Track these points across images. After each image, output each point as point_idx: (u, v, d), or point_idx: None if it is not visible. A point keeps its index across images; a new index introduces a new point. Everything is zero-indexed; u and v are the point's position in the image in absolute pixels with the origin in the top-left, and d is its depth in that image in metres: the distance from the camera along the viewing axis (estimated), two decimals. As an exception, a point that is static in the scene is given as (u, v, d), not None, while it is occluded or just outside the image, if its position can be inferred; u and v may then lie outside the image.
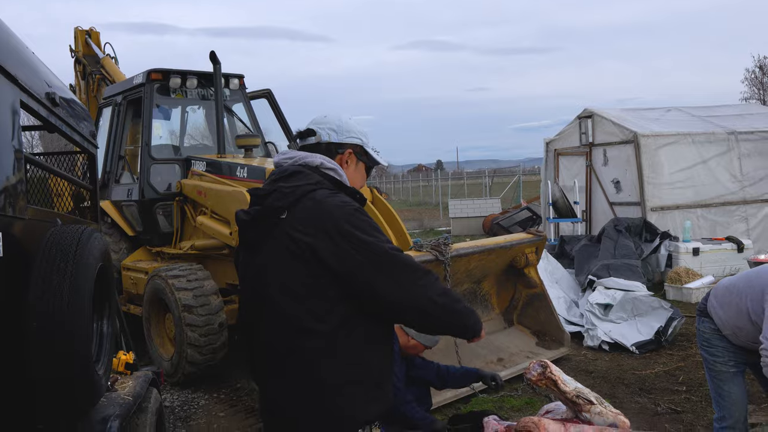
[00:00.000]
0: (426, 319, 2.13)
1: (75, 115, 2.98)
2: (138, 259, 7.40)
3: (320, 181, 2.14)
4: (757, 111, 13.89)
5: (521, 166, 35.07)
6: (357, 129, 2.32)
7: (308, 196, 2.08)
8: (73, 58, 9.77)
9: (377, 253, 2.02)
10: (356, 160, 2.32)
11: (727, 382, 3.61)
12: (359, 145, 2.33)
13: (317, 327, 2.04)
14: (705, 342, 3.70)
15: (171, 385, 6.00)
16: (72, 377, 2.15)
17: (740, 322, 3.46)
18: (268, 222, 2.11)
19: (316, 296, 2.04)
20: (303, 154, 2.23)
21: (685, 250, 9.49)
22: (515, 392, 5.51)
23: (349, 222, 2.02)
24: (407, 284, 2.04)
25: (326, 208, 2.05)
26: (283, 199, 2.09)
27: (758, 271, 3.56)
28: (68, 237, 2.26)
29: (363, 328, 2.10)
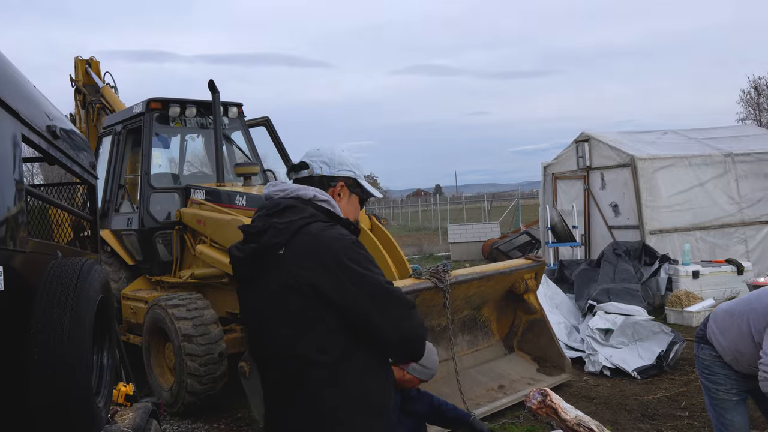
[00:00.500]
0: (406, 347, 2.21)
1: (75, 146, 3.00)
2: (138, 288, 7.39)
3: (314, 214, 2.15)
4: (753, 132, 13.97)
5: (520, 189, 35.15)
6: (349, 161, 2.33)
7: (304, 230, 2.09)
8: (74, 88, 9.85)
9: (373, 286, 2.06)
10: (349, 193, 2.33)
11: (729, 411, 3.56)
12: (351, 178, 2.33)
13: (320, 358, 2.07)
14: (706, 369, 3.66)
15: (171, 416, 5.96)
16: (72, 410, 2.14)
17: (741, 346, 3.44)
18: (265, 259, 2.12)
19: (317, 329, 2.07)
20: (295, 186, 2.24)
21: (685, 273, 9.48)
22: (517, 420, 5.47)
23: (347, 256, 2.05)
24: (397, 317, 2.10)
25: (324, 241, 2.07)
26: (279, 236, 2.09)
27: (758, 293, 3.55)
28: (69, 270, 2.26)
29: (363, 357, 2.14)
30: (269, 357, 2.19)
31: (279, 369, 2.15)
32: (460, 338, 6.06)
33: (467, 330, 6.21)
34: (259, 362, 2.29)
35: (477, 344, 6.28)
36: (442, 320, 5.56)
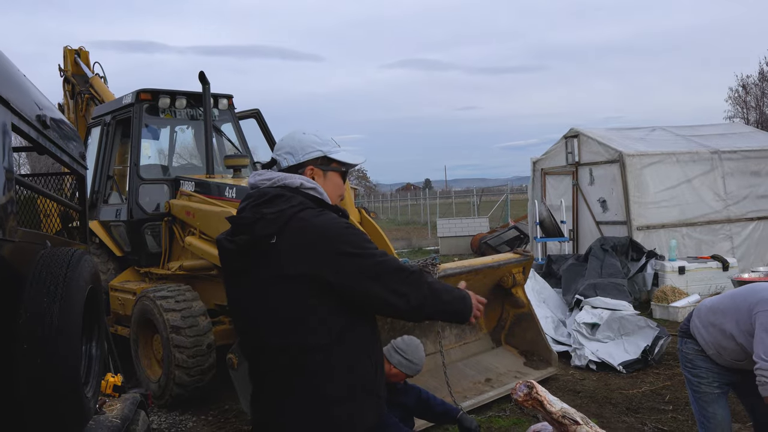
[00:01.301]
0: (421, 313, 2.26)
1: (65, 136, 2.99)
2: (126, 280, 7.37)
3: (303, 201, 2.14)
4: (740, 130, 14.08)
5: (509, 184, 35.25)
6: (314, 141, 2.29)
7: (295, 219, 2.08)
8: (63, 78, 9.78)
9: (375, 266, 2.10)
10: (323, 173, 2.29)
11: (712, 404, 3.61)
12: (320, 157, 2.29)
13: (315, 344, 2.09)
14: (689, 363, 3.71)
15: (159, 407, 5.97)
16: (61, 400, 2.15)
17: (724, 342, 3.49)
18: (258, 250, 2.10)
19: (312, 316, 2.08)
20: (281, 175, 2.22)
21: (671, 268, 9.56)
22: (503, 412, 5.51)
23: (342, 240, 2.07)
24: (405, 290, 2.14)
25: (317, 228, 2.07)
26: (270, 226, 2.08)
27: (742, 291, 3.59)
28: (58, 260, 2.26)
29: (356, 340, 2.18)
30: (264, 348, 2.18)
31: (274, 359, 2.15)
32: (447, 331, 6.09)
33: (455, 323, 6.24)
34: (249, 354, 2.28)
35: (464, 338, 6.32)
36: (430, 313, 5.58)
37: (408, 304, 2.15)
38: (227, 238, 2.20)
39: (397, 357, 3.88)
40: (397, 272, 2.15)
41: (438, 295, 2.24)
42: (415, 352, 3.95)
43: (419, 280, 2.19)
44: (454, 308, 2.31)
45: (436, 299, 2.22)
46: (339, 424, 2.15)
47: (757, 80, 31.53)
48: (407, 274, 2.17)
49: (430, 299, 2.20)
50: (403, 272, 2.16)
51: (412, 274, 2.19)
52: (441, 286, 2.30)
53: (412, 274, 2.18)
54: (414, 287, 2.16)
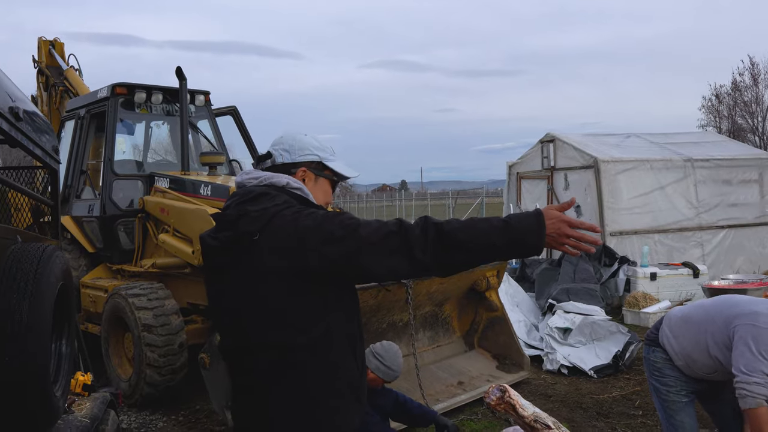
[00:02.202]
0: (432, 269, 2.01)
1: (38, 129, 2.94)
2: (98, 277, 7.28)
3: (288, 200, 2.12)
4: (713, 139, 14.30)
5: (484, 187, 35.42)
6: (314, 145, 2.29)
7: (278, 216, 2.05)
8: (36, 69, 9.63)
9: (358, 240, 1.97)
10: (314, 177, 2.29)
11: (679, 412, 3.60)
12: (315, 162, 2.28)
13: (300, 339, 2.05)
14: (656, 372, 3.69)
15: (129, 407, 5.89)
16: (29, 398, 2.12)
17: (695, 354, 3.49)
18: (241, 246, 2.08)
19: (298, 310, 2.05)
20: (268, 174, 2.21)
21: (643, 274, 9.66)
22: (475, 416, 5.53)
23: (322, 227, 2.00)
24: (395, 252, 1.96)
25: (298, 222, 2.03)
26: (253, 223, 2.06)
27: (716, 303, 3.59)
28: (29, 255, 2.23)
29: (341, 339, 2.13)
30: (247, 346, 2.13)
31: (257, 357, 2.11)
32: (421, 334, 6.10)
33: (428, 326, 6.26)
34: (230, 353, 2.22)
35: (438, 340, 6.33)
36: (404, 316, 5.59)
37: (411, 264, 1.96)
38: (211, 234, 2.18)
39: (375, 362, 3.88)
40: (387, 237, 1.97)
41: (452, 235, 1.94)
42: (394, 358, 3.95)
43: (417, 234, 1.95)
44: (486, 242, 1.93)
45: (450, 242, 1.93)
46: (325, 424, 2.12)
47: (729, 90, 32.05)
48: (401, 235, 1.96)
49: (440, 248, 1.93)
50: (392, 234, 1.97)
51: (407, 231, 1.97)
52: (456, 225, 1.98)
53: (406, 231, 1.97)
54: (411, 244, 1.94)
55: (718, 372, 3.45)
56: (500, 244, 1.92)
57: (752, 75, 30.92)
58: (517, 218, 1.93)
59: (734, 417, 3.60)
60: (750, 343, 3.22)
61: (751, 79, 31.01)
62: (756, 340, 3.22)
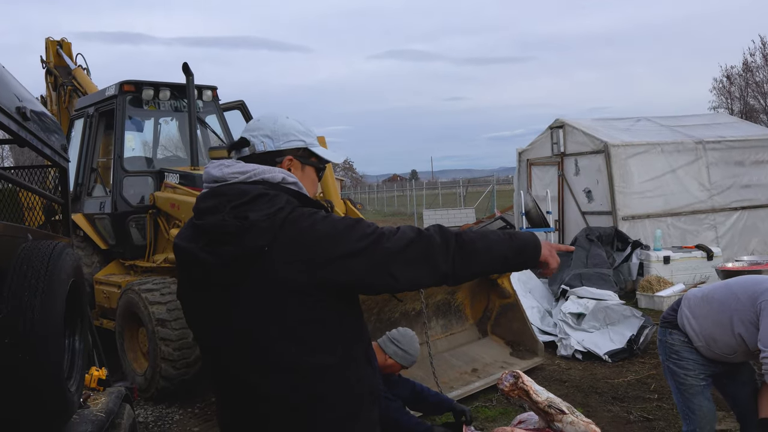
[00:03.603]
0: (450, 279, 1.92)
1: (46, 128, 2.96)
2: (111, 273, 7.33)
3: (289, 200, 1.85)
4: (724, 120, 14.17)
5: (495, 175, 35.36)
6: (297, 129, 1.99)
7: (288, 222, 1.79)
8: (45, 69, 9.68)
9: (382, 255, 1.81)
10: (301, 166, 2.00)
11: (697, 396, 3.55)
12: (301, 148, 2.00)
13: (328, 360, 1.84)
14: (674, 355, 3.63)
15: (144, 401, 5.95)
16: (43, 394, 2.14)
17: (717, 333, 3.43)
18: (246, 261, 1.79)
19: (319, 328, 1.83)
20: (257, 168, 1.89)
21: (656, 258, 9.62)
22: (490, 403, 5.54)
23: (343, 240, 1.79)
24: (419, 263, 1.85)
25: (316, 233, 1.78)
26: (263, 235, 1.77)
27: (740, 281, 3.53)
28: (40, 253, 2.24)
29: (361, 350, 1.96)
30: (257, 375, 1.84)
31: (271, 380, 1.83)
32: (434, 322, 6.10)
33: (441, 314, 6.26)
34: (226, 386, 1.93)
35: (451, 328, 6.34)
36: (416, 305, 5.59)
37: (434, 274, 1.87)
38: (202, 248, 1.83)
39: (392, 348, 3.88)
40: (409, 247, 1.83)
41: (472, 246, 1.90)
42: (411, 343, 3.96)
43: (439, 243, 1.87)
44: (499, 252, 1.94)
45: (468, 254, 1.89)
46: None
47: (741, 71, 31.72)
48: (423, 244, 1.85)
49: (460, 257, 1.88)
50: (414, 244, 1.84)
51: (429, 240, 1.87)
52: (472, 236, 1.94)
53: (429, 241, 1.86)
54: (434, 254, 1.85)
55: (738, 353, 3.41)
56: (510, 255, 1.97)
57: (763, 55, 30.58)
58: (519, 233, 2.05)
59: (752, 399, 3.57)
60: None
61: (762, 59, 30.67)
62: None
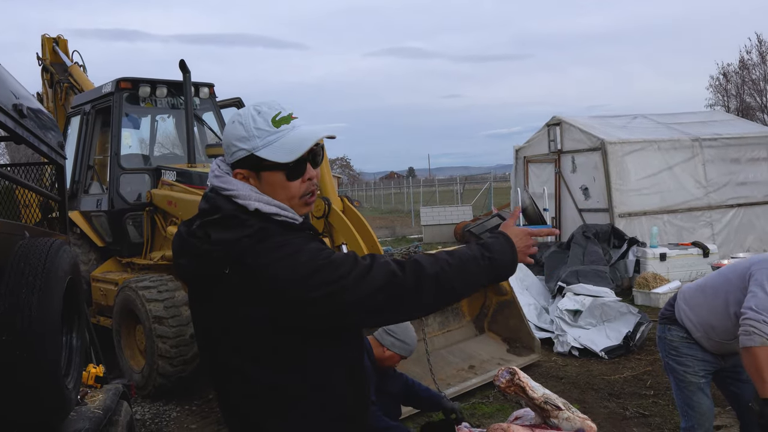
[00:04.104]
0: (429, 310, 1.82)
1: (42, 125, 2.96)
2: (107, 270, 7.32)
3: (262, 228, 1.67)
4: (721, 118, 14.19)
5: (492, 172, 35.35)
6: (239, 136, 1.72)
7: (251, 253, 1.64)
8: (41, 66, 9.66)
9: (352, 297, 1.64)
10: (255, 175, 1.74)
11: (697, 393, 3.54)
12: (247, 156, 1.72)
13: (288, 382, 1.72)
14: (673, 351, 3.61)
15: (142, 398, 5.95)
16: (41, 391, 2.14)
17: (714, 319, 3.42)
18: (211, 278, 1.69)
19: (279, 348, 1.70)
20: (238, 192, 1.71)
21: (653, 255, 9.65)
22: (487, 399, 5.55)
23: (307, 282, 1.62)
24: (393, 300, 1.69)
25: (276, 271, 1.62)
26: (216, 265, 1.65)
27: (730, 266, 3.58)
28: (37, 250, 2.25)
29: (333, 370, 1.78)
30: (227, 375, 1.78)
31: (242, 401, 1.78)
32: (431, 319, 6.11)
33: (438, 311, 6.27)
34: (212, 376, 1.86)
35: (448, 325, 6.35)
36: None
37: (398, 318, 1.81)
38: (187, 250, 1.74)
39: (389, 339, 3.87)
40: (373, 296, 1.66)
41: (449, 286, 1.75)
42: (407, 332, 3.95)
43: (411, 289, 1.70)
44: (474, 278, 1.79)
45: (443, 293, 1.76)
46: None
47: (737, 68, 31.79)
48: (390, 293, 1.68)
49: (433, 298, 1.74)
50: (381, 293, 1.67)
51: (400, 288, 1.69)
52: (447, 264, 1.76)
53: (399, 291, 1.69)
54: (402, 302, 1.70)
55: (737, 339, 3.41)
56: (486, 281, 1.84)
57: (760, 53, 30.64)
58: (492, 248, 1.84)
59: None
60: (765, 283, 3.17)
61: (758, 56, 30.74)
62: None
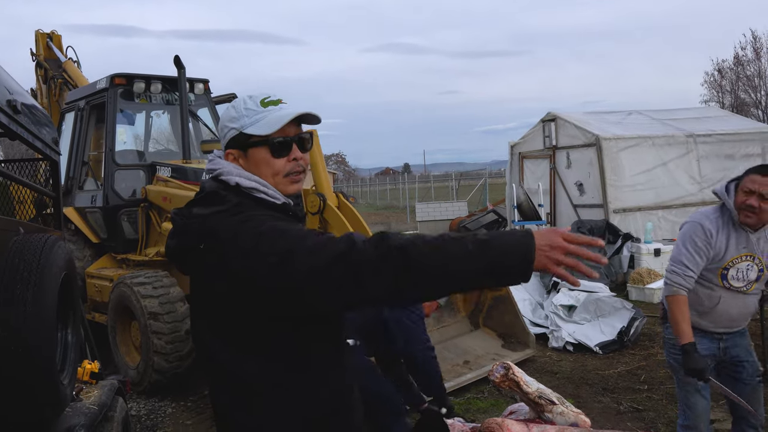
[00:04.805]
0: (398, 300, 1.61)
1: (37, 121, 2.95)
2: (102, 267, 7.31)
3: (239, 203, 1.71)
4: (715, 114, 14.24)
5: (487, 168, 35.39)
6: (230, 117, 1.80)
7: (222, 225, 1.66)
8: (35, 62, 9.62)
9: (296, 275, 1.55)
10: (243, 155, 1.79)
11: (694, 394, 3.56)
12: (235, 136, 1.80)
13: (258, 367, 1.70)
14: (673, 349, 3.62)
15: (137, 394, 5.95)
16: (36, 387, 2.14)
17: (695, 289, 3.49)
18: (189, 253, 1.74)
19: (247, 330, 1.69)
20: (222, 168, 1.80)
21: (647, 251, 9.68)
22: (481, 394, 5.57)
23: (258, 253, 1.58)
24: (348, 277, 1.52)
25: (237, 243, 1.62)
26: (192, 237, 1.70)
27: None
28: (31, 246, 2.24)
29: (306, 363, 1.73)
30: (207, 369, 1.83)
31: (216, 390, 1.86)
32: (426, 315, 6.12)
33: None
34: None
35: (443, 321, 6.36)
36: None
37: (377, 287, 1.51)
38: (172, 234, 1.81)
39: None
40: (332, 264, 1.51)
41: (419, 254, 1.48)
42: None
43: (373, 258, 1.49)
44: (457, 263, 1.47)
45: (415, 270, 1.48)
46: None
47: (732, 65, 31.88)
48: (357, 249, 1.51)
49: (402, 275, 1.48)
50: (340, 259, 1.51)
51: (359, 254, 1.51)
52: (420, 240, 1.51)
53: (359, 256, 1.50)
54: (375, 262, 1.49)
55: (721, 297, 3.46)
56: (483, 272, 1.48)
57: (754, 49, 30.75)
58: (499, 236, 1.50)
59: (750, 396, 3.59)
60: (680, 237, 3.51)
61: (753, 52, 30.85)
62: (683, 235, 3.51)
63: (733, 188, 3.50)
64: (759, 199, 3.28)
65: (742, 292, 3.46)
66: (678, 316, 3.37)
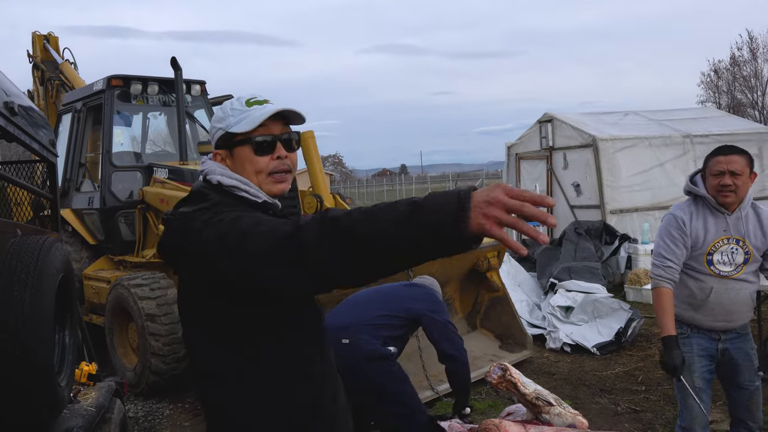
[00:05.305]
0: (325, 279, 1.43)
1: (34, 123, 2.95)
2: (100, 268, 7.30)
3: (220, 201, 1.73)
4: (712, 114, 14.27)
5: (484, 169, 35.45)
6: (218, 118, 1.84)
7: (196, 223, 1.66)
8: (31, 64, 9.61)
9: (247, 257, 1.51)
10: (228, 155, 1.81)
11: (689, 397, 3.55)
12: (222, 136, 1.82)
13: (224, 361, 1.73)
14: None
15: (135, 396, 5.94)
16: (34, 389, 2.14)
17: (683, 280, 3.54)
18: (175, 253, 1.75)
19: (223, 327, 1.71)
20: (208, 168, 1.84)
21: (644, 251, 9.68)
22: (479, 395, 5.57)
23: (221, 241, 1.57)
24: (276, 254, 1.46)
25: (202, 234, 1.61)
26: (174, 234, 1.73)
27: None
28: (29, 248, 2.25)
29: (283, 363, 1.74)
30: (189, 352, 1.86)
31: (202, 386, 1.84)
32: (423, 316, 6.12)
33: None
34: None
35: (440, 322, 6.36)
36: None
37: (309, 275, 1.42)
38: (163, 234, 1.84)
39: None
40: (278, 245, 1.45)
41: (351, 222, 1.37)
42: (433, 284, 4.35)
43: (313, 233, 1.39)
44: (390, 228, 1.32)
45: (352, 241, 1.35)
46: None
47: (728, 65, 31.95)
48: (296, 238, 1.42)
49: (341, 248, 1.36)
50: (286, 240, 1.43)
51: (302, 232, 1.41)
52: (356, 210, 1.41)
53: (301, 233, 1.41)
54: (306, 249, 1.39)
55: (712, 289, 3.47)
56: (411, 236, 1.31)
57: (751, 49, 30.81)
58: (434, 195, 1.34)
59: (748, 400, 3.60)
60: (660, 230, 3.57)
61: (749, 53, 30.91)
62: (659, 230, 3.58)
63: (699, 179, 3.56)
64: (731, 176, 3.33)
65: (732, 278, 3.45)
66: (660, 309, 3.43)
